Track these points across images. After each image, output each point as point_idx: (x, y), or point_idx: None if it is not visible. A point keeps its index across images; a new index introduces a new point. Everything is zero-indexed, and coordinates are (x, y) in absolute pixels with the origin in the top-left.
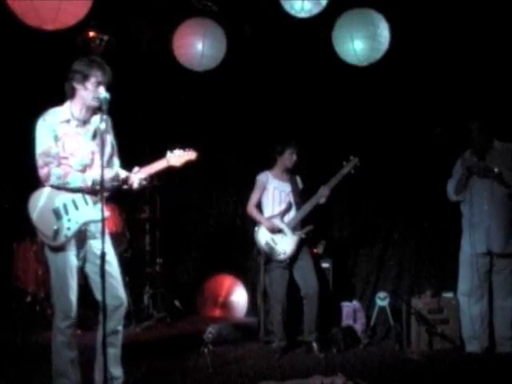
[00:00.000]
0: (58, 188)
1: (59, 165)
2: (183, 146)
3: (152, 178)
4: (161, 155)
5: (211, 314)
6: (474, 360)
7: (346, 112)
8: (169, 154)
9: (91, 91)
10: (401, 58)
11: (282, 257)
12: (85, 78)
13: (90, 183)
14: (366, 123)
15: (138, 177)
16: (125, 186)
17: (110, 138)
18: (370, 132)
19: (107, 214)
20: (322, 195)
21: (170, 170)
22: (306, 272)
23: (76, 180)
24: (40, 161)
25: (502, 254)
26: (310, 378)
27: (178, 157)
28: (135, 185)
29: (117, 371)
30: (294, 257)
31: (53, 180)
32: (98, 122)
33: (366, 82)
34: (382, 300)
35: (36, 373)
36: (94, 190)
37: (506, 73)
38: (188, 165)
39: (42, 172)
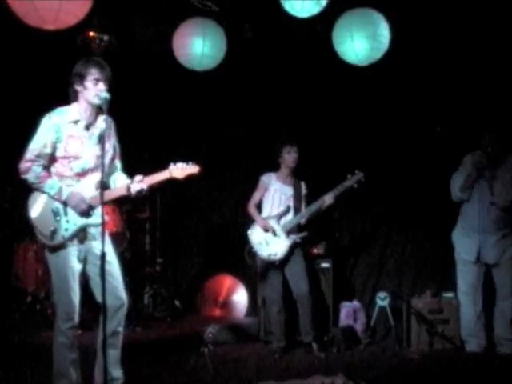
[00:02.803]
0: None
1: (48, 166)
2: (186, 160)
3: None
4: (161, 157)
5: (211, 314)
6: (474, 360)
7: (346, 112)
8: (172, 166)
9: (91, 89)
10: (401, 58)
11: (271, 258)
12: (82, 78)
13: (63, 198)
14: (365, 123)
15: (137, 187)
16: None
17: (112, 141)
18: (370, 132)
19: (106, 218)
20: (324, 204)
21: (171, 182)
22: (297, 275)
23: (52, 188)
24: (28, 154)
25: (496, 264)
26: (310, 378)
27: (180, 169)
28: (133, 195)
29: (117, 372)
30: (286, 259)
31: (30, 176)
32: (103, 125)
33: (367, 82)
34: (382, 300)
35: (36, 373)
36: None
37: (506, 72)
38: (190, 178)
39: (24, 165)
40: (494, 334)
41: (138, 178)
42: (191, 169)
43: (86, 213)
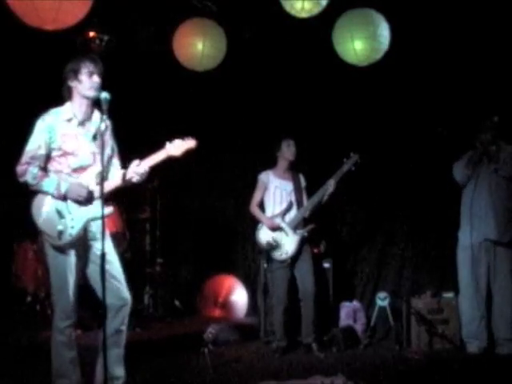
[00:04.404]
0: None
1: (45, 167)
2: (181, 137)
3: (153, 178)
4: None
5: (211, 314)
6: (474, 360)
7: (346, 112)
8: (168, 144)
9: (86, 82)
10: (401, 58)
11: (283, 257)
12: (76, 72)
13: (62, 192)
14: (366, 123)
15: (137, 170)
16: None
17: (110, 142)
18: (370, 132)
19: (111, 209)
20: (326, 194)
21: (171, 170)
22: (304, 273)
23: (50, 185)
24: (24, 157)
25: (499, 243)
26: (310, 378)
27: (177, 146)
28: (135, 179)
29: (119, 371)
30: (296, 257)
31: (27, 177)
32: (99, 122)
33: (366, 82)
34: (382, 300)
35: (36, 373)
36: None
37: (506, 71)
38: (188, 153)
39: (21, 168)
40: (494, 335)
41: (136, 162)
42: (188, 144)
43: (89, 200)
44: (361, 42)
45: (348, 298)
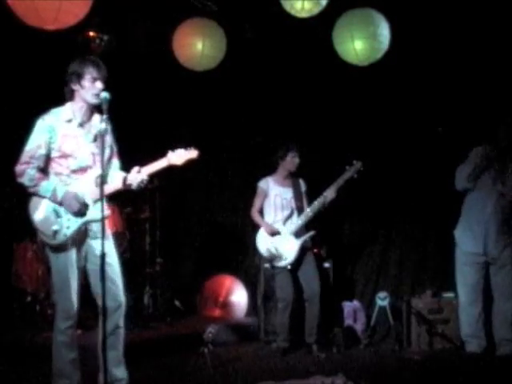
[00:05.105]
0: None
1: (44, 168)
2: (184, 146)
3: (152, 178)
4: (161, 155)
5: (211, 314)
6: (474, 360)
7: (346, 112)
8: (170, 153)
9: (89, 88)
10: (401, 58)
11: (283, 263)
12: (79, 76)
13: (59, 198)
14: (365, 123)
15: (137, 178)
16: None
17: (109, 140)
18: (370, 132)
19: (108, 212)
20: (327, 200)
21: (171, 169)
22: (308, 275)
23: (47, 190)
24: (23, 157)
25: (495, 260)
26: (310, 378)
27: (179, 156)
28: (134, 186)
29: (120, 373)
30: (298, 261)
31: (24, 179)
32: (99, 124)
33: (367, 82)
34: (382, 300)
35: (36, 373)
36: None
37: (506, 71)
38: (189, 163)
39: (19, 168)
40: (494, 335)
41: (136, 169)
42: (190, 154)
43: (80, 212)
44: (361, 42)
45: (348, 298)
